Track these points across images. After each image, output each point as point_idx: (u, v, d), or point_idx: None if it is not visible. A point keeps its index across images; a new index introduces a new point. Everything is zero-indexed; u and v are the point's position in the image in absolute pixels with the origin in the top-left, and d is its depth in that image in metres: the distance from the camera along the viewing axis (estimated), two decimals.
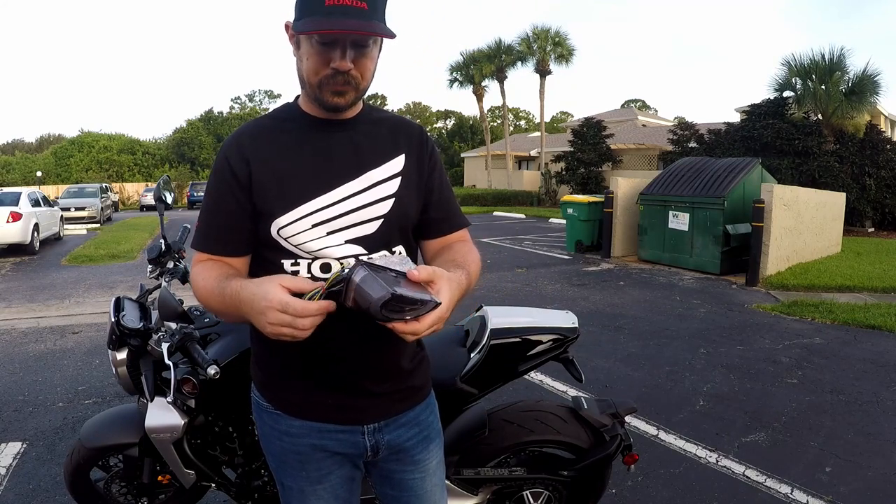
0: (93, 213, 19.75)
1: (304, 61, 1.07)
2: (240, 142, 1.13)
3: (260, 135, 1.14)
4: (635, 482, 2.84)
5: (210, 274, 1.10)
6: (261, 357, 1.24)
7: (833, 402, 3.92)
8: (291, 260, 1.12)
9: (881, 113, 20.41)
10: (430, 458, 1.29)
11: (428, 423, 1.30)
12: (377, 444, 1.22)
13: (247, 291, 0.97)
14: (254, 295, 0.95)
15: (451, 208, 1.27)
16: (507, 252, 11.34)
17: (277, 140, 1.13)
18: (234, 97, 70.36)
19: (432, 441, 1.30)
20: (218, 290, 1.05)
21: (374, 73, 1.11)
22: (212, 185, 1.15)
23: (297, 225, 1.10)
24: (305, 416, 1.18)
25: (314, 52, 1.04)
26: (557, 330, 2.01)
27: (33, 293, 7.60)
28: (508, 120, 34.70)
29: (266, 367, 1.22)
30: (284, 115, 1.17)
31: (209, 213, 1.15)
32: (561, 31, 26.62)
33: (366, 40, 1.04)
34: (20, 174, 40.55)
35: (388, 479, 1.29)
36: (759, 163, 9.64)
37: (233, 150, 1.12)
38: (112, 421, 2.10)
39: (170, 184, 2.42)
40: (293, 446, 1.20)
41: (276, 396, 1.21)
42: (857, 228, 15.63)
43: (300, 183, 1.11)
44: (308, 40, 1.04)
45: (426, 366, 1.32)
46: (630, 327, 5.79)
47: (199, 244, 1.16)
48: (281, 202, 1.10)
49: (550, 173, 25.65)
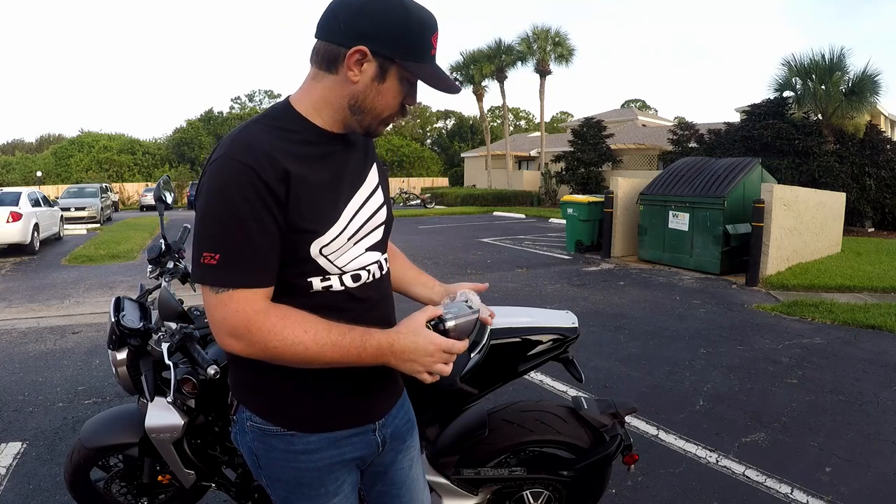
0: (93, 213, 19.76)
1: (386, 96, 1.07)
2: (270, 153, 0.99)
3: (282, 147, 1.03)
4: (635, 482, 2.84)
5: (309, 325, 0.99)
6: (260, 379, 1.13)
7: (833, 402, 3.92)
8: (320, 276, 1.09)
9: (881, 113, 20.42)
10: (414, 441, 1.36)
11: (408, 406, 1.37)
12: (385, 437, 1.25)
13: (403, 342, 1.04)
14: (415, 345, 1.05)
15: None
16: (507, 252, 11.34)
17: (299, 152, 1.05)
18: (234, 97, 70.53)
19: (414, 426, 1.37)
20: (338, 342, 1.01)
21: None
22: (237, 203, 0.96)
23: (337, 242, 1.08)
24: (321, 428, 1.15)
25: (401, 91, 1.08)
26: (557, 330, 2.01)
27: (33, 293, 7.60)
28: (508, 120, 34.69)
29: (273, 393, 1.14)
30: (289, 125, 1.07)
31: (244, 240, 0.97)
32: (561, 31, 26.68)
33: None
34: (20, 174, 40.55)
35: (381, 474, 1.30)
36: (759, 163, 9.63)
37: (261, 160, 0.98)
38: (112, 421, 2.10)
39: (170, 184, 2.42)
40: (311, 464, 1.16)
41: (286, 417, 1.14)
42: (857, 228, 15.63)
43: (333, 196, 1.09)
44: (400, 78, 1.07)
45: None
46: (630, 327, 5.79)
47: (244, 279, 0.97)
48: (323, 218, 1.06)
49: (550, 173, 25.65)
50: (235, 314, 0.97)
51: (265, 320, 0.98)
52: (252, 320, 0.97)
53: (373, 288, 1.18)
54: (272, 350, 0.98)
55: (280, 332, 0.98)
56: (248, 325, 0.97)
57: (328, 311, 1.07)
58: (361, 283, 1.15)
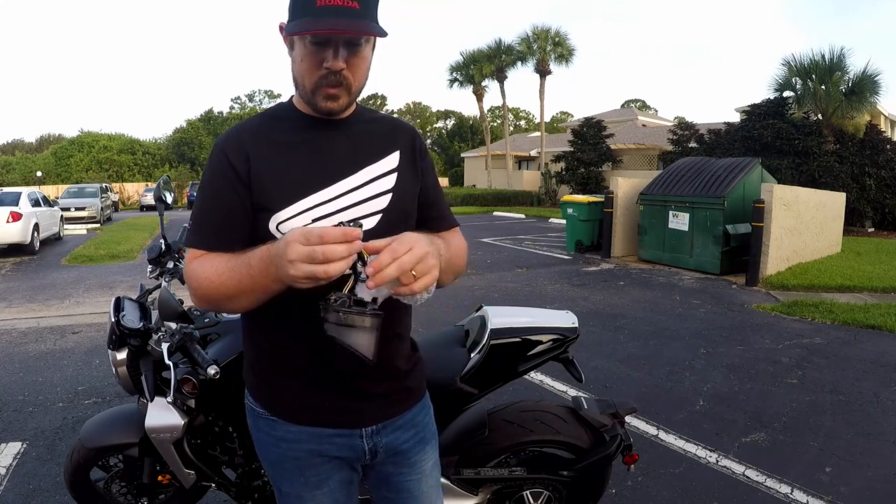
0: (93, 213, 19.76)
1: (298, 63, 1.07)
2: (239, 137, 1.12)
3: (258, 132, 1.13)
4: (635, 482, 2.84)
5: (215, 261, 1.05)
6: (255, 362, 1.22)
7: (833, 402, 3.92)
8: None
9: (881, 113, 20.41)
10: (426, 459, 1.29)
11: (424, 424, 1.29)
12: (375, 447, 1.21)
13: (274, 247, 0.93)
14: (277, 243, 0.92)
15: (443, 208, 1.30)
16: (507, 252, 11.33)
17: (275, 137, 1.13)
18: (234, 97, 70.46)
19: (428, 443, 1.30)
20: (233, 267, 1.00)
21: (368, 74, 1.11)
22: (208, 180, 1.12)
23: (297, 220, 1.08)
24: (303, 421, 1.17)
25: (307, 53, 1.04)
26: (557, 330, 2.01)
27: (33, 293, 7.60)
28: (508, 120, 34.69)
29: (260, 373, 1.20)
30: (281, 114, 1.16)
31: (207, 210, 1.11)
32: (561, 31, 26.68)
33: (358, 39, 1.04)
34: (20, 174, 40.54)
35: (385, 481, 1.27)
36: (759, 163, 9.64)
37: (231, 144, 1.11)
38: (112, 421, 2.10)
39: (170, 184, 2.42)
40: (291, 452, 1.19)
41: (271, 402, 1.19)
42: (857, 228, 15.64)
43: (299, 178, 1.10)
44: (301, 41, 1.04)
45: (421, 367, 1.32)
46: (630, 327, 5.79)
47: (197, 241, 1.10)
48: (280, 197, 1.09)
49: (550, 173, 25.65)
50: (186, 267, 1.11)
51: (190, 266, 1.09)
52: (188, 269, 1.09)
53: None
54: (195, 290, 1.07)
55: (195, 272, 1.07)
56: (187, 273, 1.09)
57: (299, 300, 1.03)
58: None
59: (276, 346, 1.16)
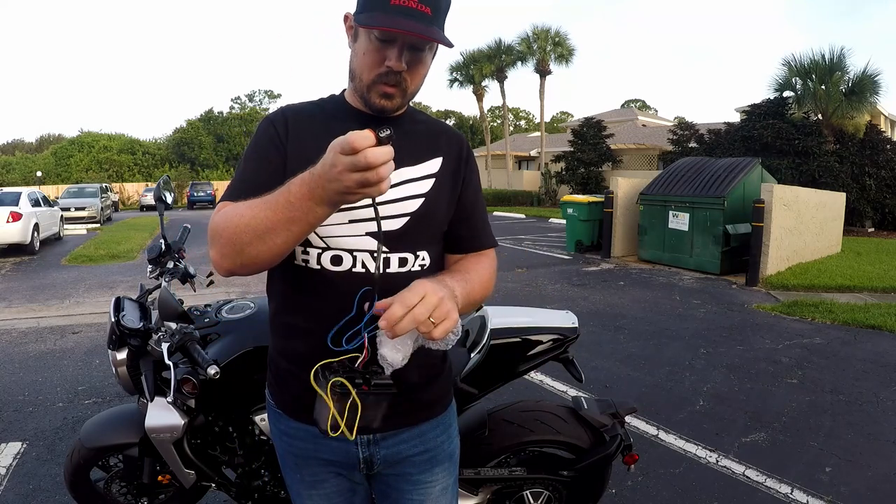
0: (93, 213, 19.76)
1: (360, 56, 1.05)
2: (285, 116, 1.12)
3: (305, 117, 1.13)
4: (635, 482, 2.84)
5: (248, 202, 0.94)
6: (271, 354, 1.23)
7: (833, 402, 3.92)
8: (303, 247, 1.09)
9: (881, 113, 20.42)
10: (433, 481, 1.21)
11: (437, 443, 1.21)
12: (371, 456, 1.16)
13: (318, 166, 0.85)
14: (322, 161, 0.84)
15: (478, 226, 1.23)
16: (507, 252, 11.33)
17: (319, 125, 1.11)
18: (234, 97, 70.36)
19: (439, 464, 1.22)
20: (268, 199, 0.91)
21: (424, 80, 1.09)
22: (253, 146, 1.11)
23: None
24: (300, 417, 1.16)
25: (371, 49, 1.03)
26: (557, 330, 2.01)
27: (33, 293, 7.60)
28: (508, 120, 34.70)
29: (273, 364, 1.22)
30: (330, 105, 1.16)
31: (251, 170, 1.08)
32: (561, 31, 26.65)
33: (423, 44, 1.03)
34: (20, 174, 40.58)
35: (387, 495, 1.23)
36: (759, 163, 9.64)
37: (279, 120, 1.11)
38: (112, 421, 2.10)
39: (170, 184, 2.42)
40: (291, 447, 1.20)
41: (278, 395, 1.21)
42: (857, 228, 15.64)
43: None
44: (366, 35, 1.02)
45: (444, 382, 1.24)
46: (630, 327, 5.79)
47: (233, 194, 1.04)
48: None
49: (550, 173, 25.65)
50: (213, 217, 1.02)
51: (218, 214, 1.00)
52: (215, 217, 1.00)
53: (358, 282, 1.06)
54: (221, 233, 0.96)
55: (227, 214, 0.97)
56: (214, 221, 0.99)
57: (308, 294, 1.07)
58: (341, 269, 1.08)
59: (288, 341, 1.16)
